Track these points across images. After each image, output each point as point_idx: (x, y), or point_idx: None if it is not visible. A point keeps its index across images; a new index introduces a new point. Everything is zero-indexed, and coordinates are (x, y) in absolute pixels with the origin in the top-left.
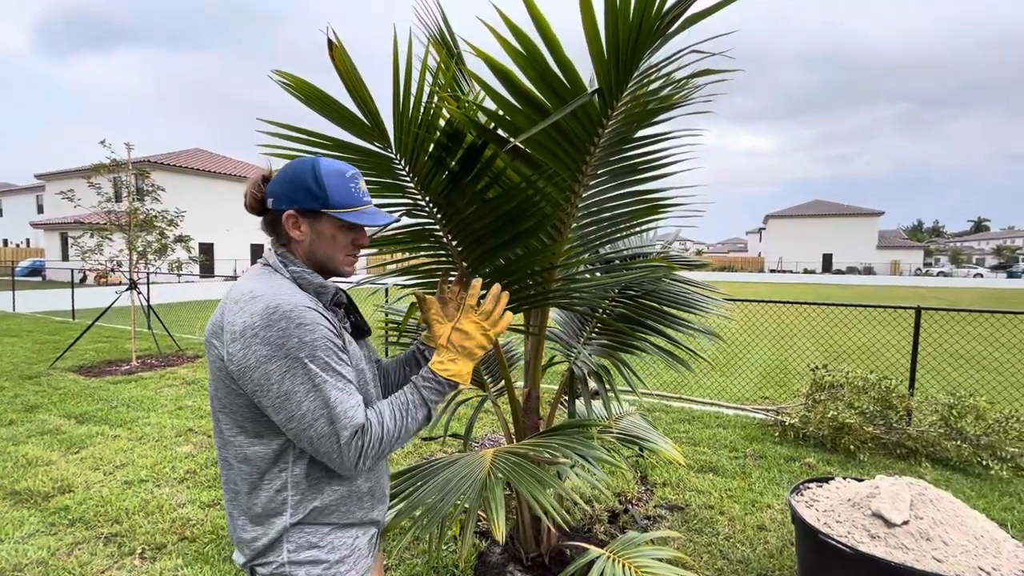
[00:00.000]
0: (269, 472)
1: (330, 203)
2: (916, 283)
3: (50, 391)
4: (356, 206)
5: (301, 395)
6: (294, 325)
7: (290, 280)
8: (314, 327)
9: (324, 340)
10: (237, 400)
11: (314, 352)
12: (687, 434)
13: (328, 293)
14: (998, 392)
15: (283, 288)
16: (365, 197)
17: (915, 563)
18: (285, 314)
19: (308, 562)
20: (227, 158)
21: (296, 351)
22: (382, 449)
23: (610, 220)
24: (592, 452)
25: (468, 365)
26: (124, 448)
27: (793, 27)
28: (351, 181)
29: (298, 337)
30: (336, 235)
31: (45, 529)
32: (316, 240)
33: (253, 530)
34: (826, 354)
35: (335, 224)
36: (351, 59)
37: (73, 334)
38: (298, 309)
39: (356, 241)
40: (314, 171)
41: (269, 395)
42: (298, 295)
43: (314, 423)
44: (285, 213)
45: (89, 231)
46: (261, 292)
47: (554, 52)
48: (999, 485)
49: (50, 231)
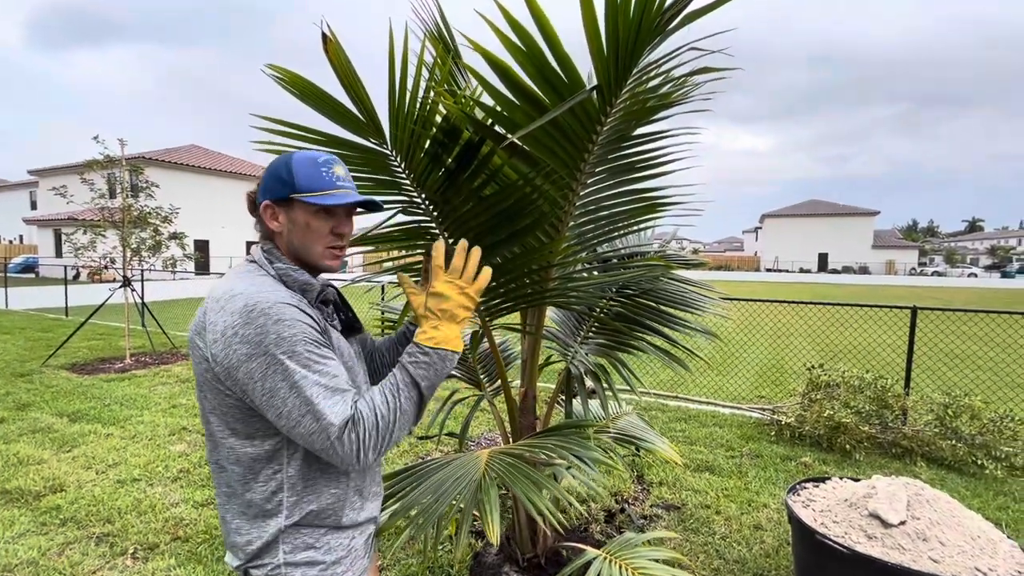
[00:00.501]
0: (263, 473)
1: (297, 188)
2: (911, 283)
3: (42, 389)
4: (325, 189)
5: (284, 392)
6: (272, 321)
7: (274, 277)
8: (292, 323)
9: (303, 335)
10: (226, 401)
11: (293, 348)
12: (683, 433)
13: (313, 290)
14: (993, 392)
15: (264, 285)
16: (339, 181)
17: (912, 564)
18: (263, 311)
19: (304, 563)
20: (223, 155)
21: (274, 348)
22: (381, 438)
23: (608, 219)
24: (589, 453)
25: (453, 328)
26: (117, 447)
27: (792, 27)
28: (323, 166)
29: (276, 333)
30: (310, 222)
31: (36, 529)
32: (293, 230)
33: (248, 533)
34: (822, 353)
35: (307, 210)
36: (346, 53)
37: (66, 331)
38: (276, 306)
39: (335, 229)
40: (287, 161)
41: (255, 393)
42: (279, 292)
43: (301, 420)
44: (262, 204)
45: (82, 228)
46: (241, 290)
47: (553, 48)
48: (994, 484)
49: (43, 227)
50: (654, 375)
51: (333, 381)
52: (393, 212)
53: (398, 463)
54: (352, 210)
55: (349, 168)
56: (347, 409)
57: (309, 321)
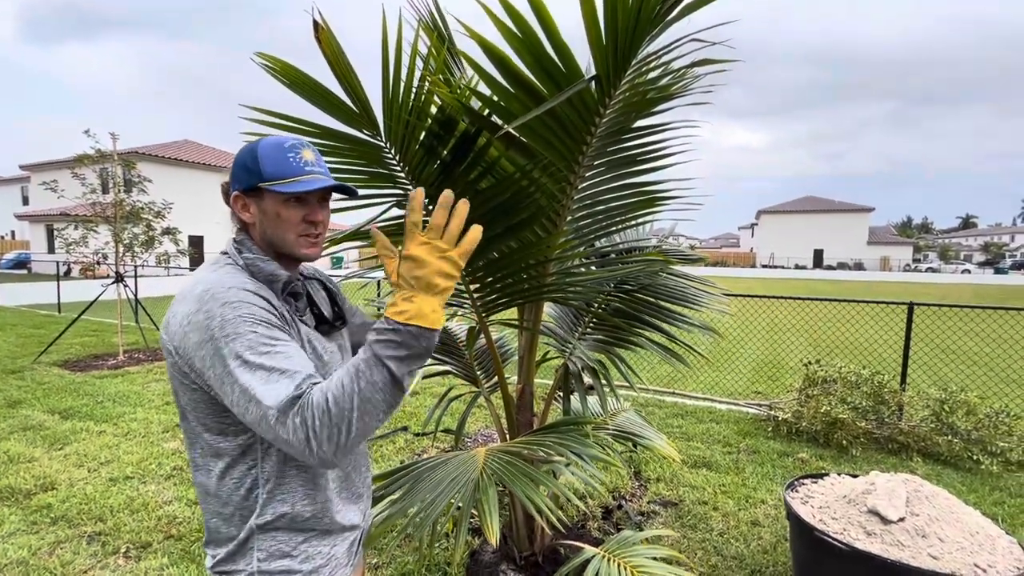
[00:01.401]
0: (238, 469)
1: (264, 176)
2: (905, 279)
3: (34, 386)
4: (293, 176)
5: (229, 378)
6: (219, 304)
7: (241, 267)
8: (239, 304)
9: (251, 316)
10: (195, 395)
11: (237, 329)
12: (680, 429)
13: (279, 281)
14: (988, 387)
15: (226, 274)
16: (308, 166)
17: (911, 560)
18: (214, 295)
19: (279, 572)
20: (217, 150)
21: (219, 331)
22: (335, 427)
23: (606, 213)
24: (587, 450)
25: (430, 301)
26: (109, 444)
27: (789, 24)
28: (289, 151)
29: (221, 316)
30: (280, 211)
31: (26, 528)
32: (264, 220)
33: (223, 532)
34: (817, 349)
35: (276, 199)
36: (338, 42)
37: (58, 328)
38: (230, 290)
39: (308, 217)
40: (253, 148)
41: (212, 381)
42: (241, 279)
43: (248, 406)
44: (232, 196)
45: (74, 223)
46: (203, 279)
47: (551, 36)
48: (989, 480)
49: (35, 223)
50: (650, 371)
51: (279, 361)
52: (387, 206)
53: (394, 460)
54: (327, 196)
55: (342, 161)
56: (288, 390)
57: (263, 304)
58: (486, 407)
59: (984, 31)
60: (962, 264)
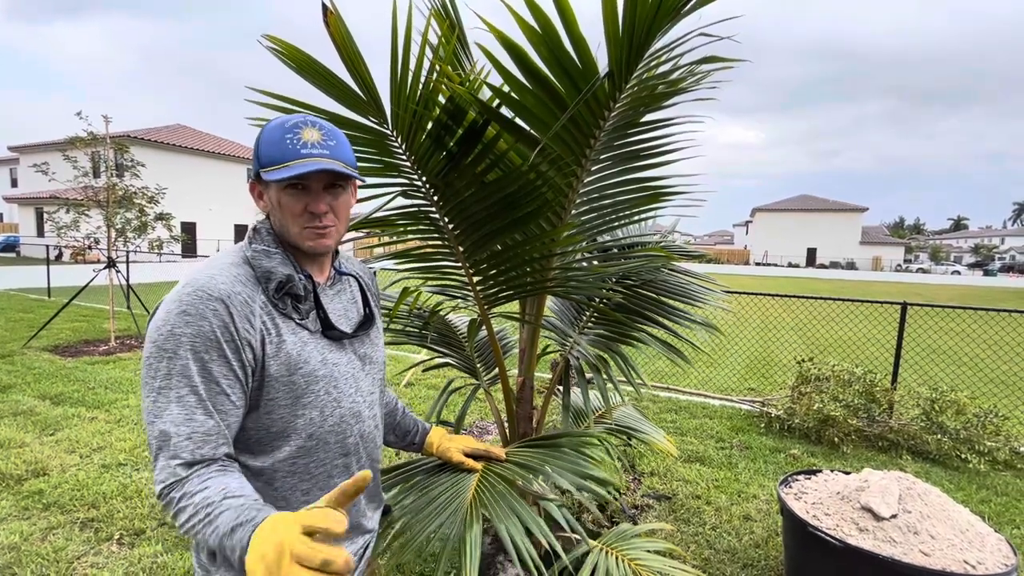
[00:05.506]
0: None
1: (262, 162)
2: (896, 279)
3: (24, 371)
4: (287, 160)
5: (149, 399)
6: (176, 312)
7: (244, 260)
8: (197, 318)
9: (202, 339)
10: None
11: (176, 349)
12: (674, 424)
13: (272, 280)
14: (977, 387)
15: (213, 267)
16: (306, 148)
17: (903, 556)
18: (179, 297)
19: None
20: (211, 135)
21: (163, 341)
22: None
23: (611, 207)
24: (591, 472)
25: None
26: (101, 431)
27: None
28: (288, 132)
29: (171, 326)
30: (281, 199)
31: (18, 513)
32: (272, 209)
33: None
34: (810, 347)
35: (276, 187)
36: (347, 27)
37: (48, 312)
38: (196, 292)
39: (309, 207)
40: (262, 132)
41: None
42: (221, 276)
43: (150, 440)
44: (250, 184)
45: (65, 206)
46: (192, 272)
47: (569, 29)
48: (976, 478)
49: (25, 206)
50: (646, 365)
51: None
52: (392, 195)
53: (388, 452)
54: (337, 182)
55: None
56: (162, 475)
57: (226, 321)
58: (483, 400)
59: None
60: (952, 265)
